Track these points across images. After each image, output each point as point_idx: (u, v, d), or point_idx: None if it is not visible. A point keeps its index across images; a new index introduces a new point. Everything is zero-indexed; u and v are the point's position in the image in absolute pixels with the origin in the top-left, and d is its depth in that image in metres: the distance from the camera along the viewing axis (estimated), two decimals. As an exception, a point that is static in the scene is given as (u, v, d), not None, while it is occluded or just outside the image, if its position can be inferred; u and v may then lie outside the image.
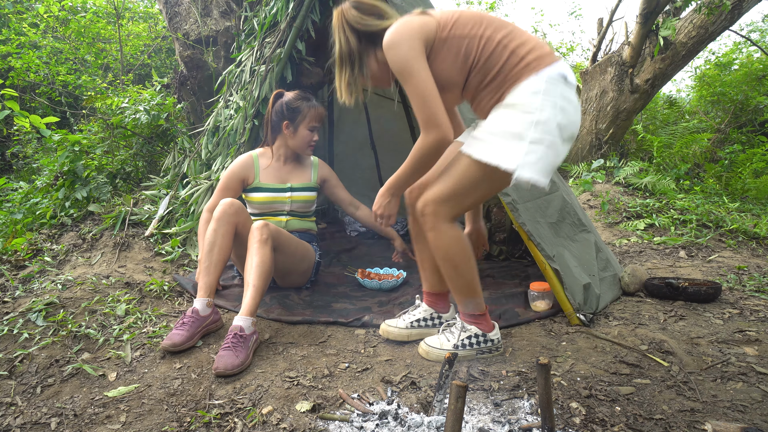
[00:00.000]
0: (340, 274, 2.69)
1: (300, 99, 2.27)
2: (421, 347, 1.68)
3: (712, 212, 3.60)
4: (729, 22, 4.69)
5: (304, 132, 2.26)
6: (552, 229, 2.09)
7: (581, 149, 5.16)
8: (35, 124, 2.75)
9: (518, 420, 1.30)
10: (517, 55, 1.41)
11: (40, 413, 1.38)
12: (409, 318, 1.83)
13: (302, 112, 2.24)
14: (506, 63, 1.41)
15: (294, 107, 2.24)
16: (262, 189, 2.28)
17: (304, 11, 2.87)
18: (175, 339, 1.67)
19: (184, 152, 3.30)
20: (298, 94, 2.29)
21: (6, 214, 3.08)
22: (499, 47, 1.42)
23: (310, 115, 2.25)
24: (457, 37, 1.44)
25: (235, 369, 1.54)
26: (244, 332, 1.65)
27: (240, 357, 1.57)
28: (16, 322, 1.80)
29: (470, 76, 1.48)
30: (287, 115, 2.25)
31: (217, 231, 1.91)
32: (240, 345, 1.61)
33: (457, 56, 1.45)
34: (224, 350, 1.58)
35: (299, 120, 2.25)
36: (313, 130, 2.28)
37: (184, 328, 1.71)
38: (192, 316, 1.75)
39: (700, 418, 1.28)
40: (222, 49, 3.81)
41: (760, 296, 2.18)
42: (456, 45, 1.44)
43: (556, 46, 9.21)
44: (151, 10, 7.26)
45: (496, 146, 1.38)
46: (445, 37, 1.45)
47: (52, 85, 5.85)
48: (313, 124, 2.27)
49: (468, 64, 1.46)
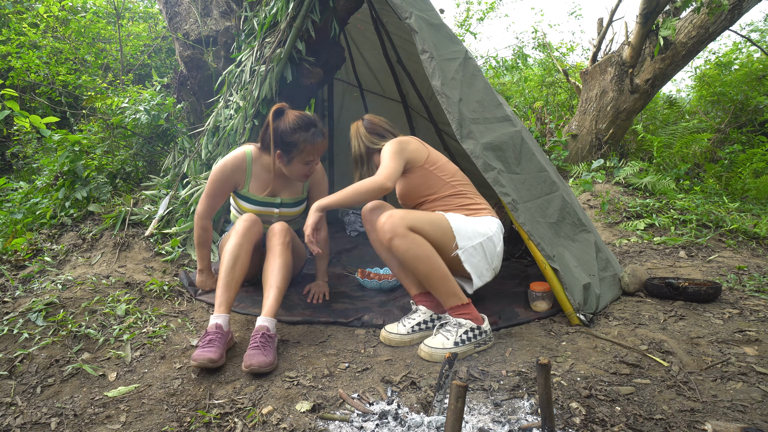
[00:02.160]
0: (341, 274, 2.69)
1: (298, 130, 1.97)
2: (423, 350, 1.68)
3: (712, 212, 3.60)
4: (729, 22, 4.69)
5: (298, 166, 2.05)
6: (552, 229, 2.09)
7: (581, 149, 5.16)
8: (35, 124, 2.75)
9: (518, 420, 1.30)
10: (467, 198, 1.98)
11: (40, 413, 1.37)
12: (409, 323, 1.83)
13: (298, 147, 1.98)
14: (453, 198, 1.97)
15: (290, 141, 1.98)
16: (250, 200, 2.15)
17: (304, 11, 2.87)
18: (213, 355, 1.55)
19: (184, 152, 3.30)
20: (298, 120, 1.99)
21: (6, 214, 3.07)
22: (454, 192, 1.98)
23: (306, 151, 2.00)
24: (433, 174, 1.99)
25: (268, 367, 1.54)
26: (270, 332, 1.66)
27: (269, 356, 1.58)
28: (16, 322, 1.80)
29: (421, 196, 2.02)
30: (282, 146, 2.00)
31: (242, 247, 1.86)
32: (268, 345, 1.62)
33: (422, 183, 1.99)
34: (253, 349, 1.58)
35: (294, 155, 2.01)
36: (309, 164, 2.05)
37: (214, 345, 1.59)
38: (218, 332, 1.65)
39: (700, 418, 1.28)
40: (222, 49, 3.80)
41: (760, 296, 2.18)
42: (428, 177, 1.98)
43: (557, 45, 9.22)
44: (151, 10, 7.26)
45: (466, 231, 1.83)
46: (427, 168, 1.98)
47: (52, 85, 5.85)
48: (309, 159, 2.03)
49: (426, 192, 1.99)
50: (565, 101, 7.15)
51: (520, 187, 2.07)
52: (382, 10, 3.38)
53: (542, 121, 6.10)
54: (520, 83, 8.02)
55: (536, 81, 7.81)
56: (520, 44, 9.23)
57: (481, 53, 11.00)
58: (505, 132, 2.13)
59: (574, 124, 5.29)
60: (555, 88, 7.47)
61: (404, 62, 3.65)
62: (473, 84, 2.19)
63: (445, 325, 1.72)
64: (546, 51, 8.56)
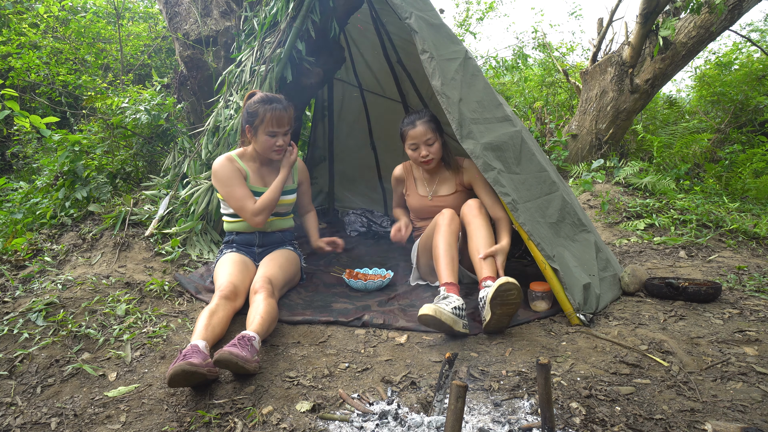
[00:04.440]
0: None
1: (260, 101, 2.13)
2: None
3: (712, 212, 3.60)
4: (729, 22, 4.69)
5: (262, 137, 2.15)
6: (552, 229, 2.09)
7: (581, 149, 5.16)
8: (35, 124, 2.75)
9: (518, 420, 1.30)
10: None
11: (40, 413, 1.38)
12: (449, 303, 1.79)
13: (259, 116, 2.11)
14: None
15: (252, 111, 2.13)
16: (252, 192, 2.24)
17: (304, 11, 2.87)
18: (194, 360, 1.43)
19: (184, 152, 3.30)
20: (262, 96, 2.15)
21: (6, 214, 3.07)
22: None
23: (267, 120, 2.11)
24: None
25: (241, 361, 1.43)
26: (251, 335, 1.57)
27: (244, 352, 1.47)
28: (16, 322, 1.80)
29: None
30: (247, 118, 2.17)
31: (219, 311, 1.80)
32: (246, 345, 1.51)
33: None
34: (229, 346, 1.48)
35: (257, 124, 2.14)
36: (273, 135, 2.15)
37: (191, 357, 1.46)
38: (194, 348, 1.52)
39: (700, 418, 1.28)
40: (222, 49, 3.80)
41: (760, 296, 2.18)
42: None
43: (557, 45, 9.21)
44: (151, 10, 7.25)
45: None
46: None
47: (52, 85, 5.85)
48: (271, 129, 2.13)
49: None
50: (565, 101, 7.14)
51: (520, 187, 2.07)
52: (382, 10, 3.38)
53: (542, 121, 6.10)
54: (520, 83, 8.02)
55: (536, 81, 7.80)
56: (520, 44, 9.22)
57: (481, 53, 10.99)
58: (505, 132, 2.13)
59: (574, 124, 5.29)
60: (555, 88, 7.47)
61: (404, 62, 3.65)
62: (473, 84, 2.19)
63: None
64: (546, 51, 8.55)
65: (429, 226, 2.27)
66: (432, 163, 2.34)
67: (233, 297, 1.91)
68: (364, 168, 4.48)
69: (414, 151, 2.33)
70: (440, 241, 2.03)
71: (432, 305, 1.73)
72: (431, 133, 2.29)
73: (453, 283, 1.92)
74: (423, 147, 2.30)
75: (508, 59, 9.12)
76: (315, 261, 2.90)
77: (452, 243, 2.03)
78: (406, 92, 3.90)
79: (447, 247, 2.01)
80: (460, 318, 1.77)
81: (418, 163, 2.37)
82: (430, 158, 2.31)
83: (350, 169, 4.57)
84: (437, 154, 2.33)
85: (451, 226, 2.07)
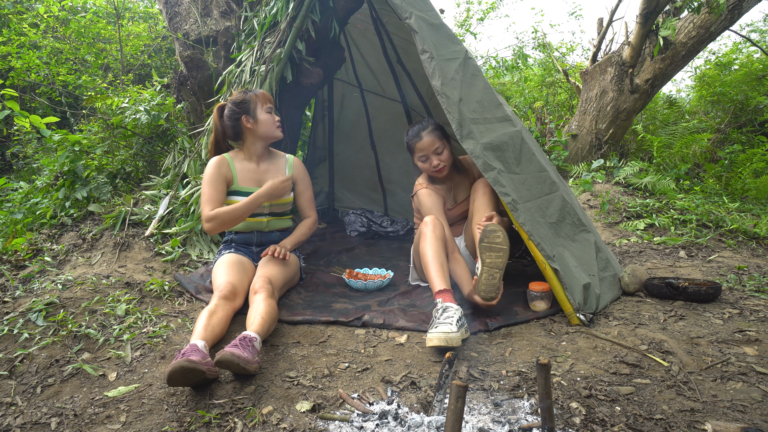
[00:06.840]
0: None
1: (241, 93, 2.33)
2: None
3: (712, 212, 3.60)
4: (729, 22, 4.69)
5: (264, 116, 2.28)
6: (552, 229, 2.09)
7: (581, 149, 5.16)
8: (35, 124, 2.75)
9: (518, 420, 1.30)
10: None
11: (40, 413, 1.38)
12: (452, 319, 1.73)
13: (251, 100, 2.29)
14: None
15: (240, 101, 2.29)
16: (241, 193, 2.23)
17: (304, 11, 2.87)
18: (193, 357, 1.43)
19: (184, 152, 3.30)
20: (236, 93, 2.35)
21: (6, 214, 3.08)
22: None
23: (259, 100, 2.29)
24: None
25: (243, 362, 1.43)
26: (252, 336, 1.58)
27: (246, 353, 1.47)
28: (16, 322, 1.80)
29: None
30: (240, 111, 2.27)
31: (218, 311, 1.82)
32: (248, 346, 1.52)
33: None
34: (230, 347, 1.48)
35: (253, 107, 2.28)
36: (270, 111, 2.31)
37: (190, 354, 1.47)
38: (193, 347, 1.52)
39: (700, 418, 1.28)
40: (222, 49, 3.80)
41: (760, 296, 2.18)
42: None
43: (557, 46, 9.21)
44: (151, 10, 7.25)
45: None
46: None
47: (52, 85, 5.85)
48: (267, 106, 2.31)
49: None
50: (565, 101, 7.14)
51: (520, 187, 2.07)
52: (382, 10, 3.38)
53: (542, 121, 6.10)
54: (520, 83, 8.02)
55: (536, 81, 7.80)
56: (520, 44, 9.22)
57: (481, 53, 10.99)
58: (505, 132, 2.13)
59: (574, 124, 5.29)
60: (555, 88, 7.46)
61: (404, 62, 3.65)
62: (473, 84, 2.19)
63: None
64: (546, 51, 8.55)
65: (416, 234, 2.28)
66: (444, 170, 2.33)
67: (232, 297, 1.92)
68: (364, 168, 4.49)
69: (425, 163, 2.32)
70: (427, 249, 2.02)
71: (438, 333, 1.65)
72: (439, 142, 2.28)
73: (446, 289, 1.90)
74: (433, 157, 2.29)
75: (508, 59, 9.13)
76: (315, 261, 2.90)
77: (439, 249, 2.03)
78: (406, 92, 3.90)
79: (435, 255, 2.00)
80: (463, 326, 1.77)
81: (431, 173, 2.36)
82: (442, 166, 2.30)
83: (350, 169, 4.57)
84: (448, 161, 2.32)
85: (435, 232, 2.07)
